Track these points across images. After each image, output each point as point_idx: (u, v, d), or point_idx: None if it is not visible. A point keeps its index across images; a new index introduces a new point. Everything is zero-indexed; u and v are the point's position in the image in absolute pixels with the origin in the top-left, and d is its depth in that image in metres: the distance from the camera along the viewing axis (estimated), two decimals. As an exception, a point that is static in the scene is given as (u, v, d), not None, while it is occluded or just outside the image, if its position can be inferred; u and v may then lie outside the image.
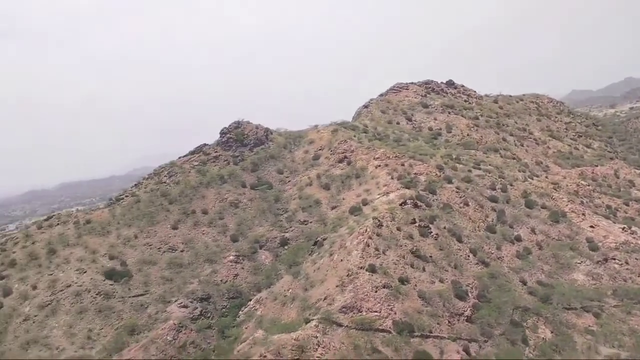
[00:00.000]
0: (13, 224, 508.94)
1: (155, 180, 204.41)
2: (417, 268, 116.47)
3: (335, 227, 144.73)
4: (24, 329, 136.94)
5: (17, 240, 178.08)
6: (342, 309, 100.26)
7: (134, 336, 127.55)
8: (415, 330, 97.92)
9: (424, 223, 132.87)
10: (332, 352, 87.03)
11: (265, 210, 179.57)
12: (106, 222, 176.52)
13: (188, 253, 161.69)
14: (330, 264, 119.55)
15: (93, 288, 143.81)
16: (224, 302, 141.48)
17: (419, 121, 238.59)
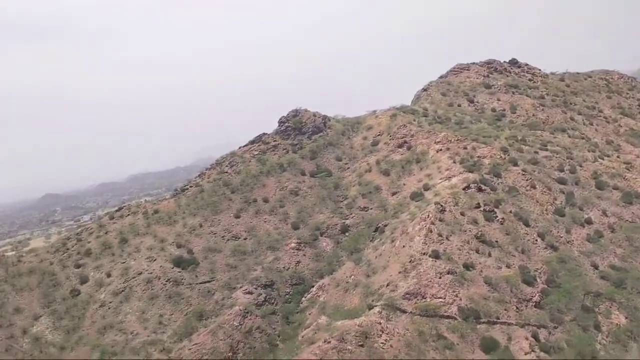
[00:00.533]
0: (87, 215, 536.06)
1: (217, 170, 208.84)
2: (483, 253, 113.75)
3: (396, 213, 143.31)
4: (100, 314, 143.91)
5: (92, 230, 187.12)
6: (405, 296, 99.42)
7: (203, 321, 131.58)
8: (481, 316, 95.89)
9: (488, 207, 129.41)
10: (397, 338, 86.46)
11: (325, 197, 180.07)
12: (172, 211, 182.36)
13: (251, 241, 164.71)
14: (392, 250, 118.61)
15: (163, 275, 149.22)
16: (287, 288, 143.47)
17: (482, 102, 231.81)
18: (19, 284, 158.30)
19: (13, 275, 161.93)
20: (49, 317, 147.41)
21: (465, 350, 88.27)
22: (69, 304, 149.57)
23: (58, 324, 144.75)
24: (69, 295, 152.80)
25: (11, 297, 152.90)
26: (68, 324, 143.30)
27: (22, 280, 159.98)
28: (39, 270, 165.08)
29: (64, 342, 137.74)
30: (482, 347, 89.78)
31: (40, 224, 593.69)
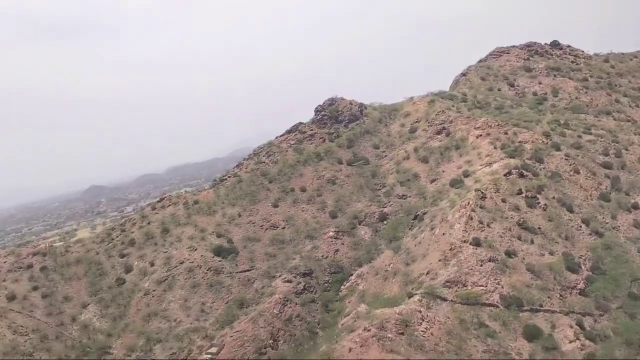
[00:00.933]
0: (130, 206, 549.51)
1: (254, 160, 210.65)
2: (525, 240, 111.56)
3: (435, 201, 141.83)
4: (144, 302, 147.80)
5: (135, 221, 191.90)
6: (445, 284, 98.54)
7: (243, 309, 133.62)
8: (524, 304, 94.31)
9: (531, 193, 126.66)
10: (437, 326, 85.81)
11: (363, 185, 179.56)
12: (212, 202, 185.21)
13: (289, 230, 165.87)
14: (432, 238, 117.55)
15: (204, 264, 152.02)
16: (326, 277, 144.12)
17: (522, 86, 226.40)
18: (67, 274, 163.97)
19: (62, 265, 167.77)
20: (96, 305, 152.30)
21: (507, 338, 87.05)
22: (115, 292, 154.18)
23: (105, 311, 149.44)
24: (115, 284, 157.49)
25: (60, 286, 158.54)
26: (114, 312, 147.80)
27: (70, 270, 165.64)
28: (86, 260, 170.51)
29: (111, 329, 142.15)
30: (524, 335, 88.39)
31: (86, 215, 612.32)
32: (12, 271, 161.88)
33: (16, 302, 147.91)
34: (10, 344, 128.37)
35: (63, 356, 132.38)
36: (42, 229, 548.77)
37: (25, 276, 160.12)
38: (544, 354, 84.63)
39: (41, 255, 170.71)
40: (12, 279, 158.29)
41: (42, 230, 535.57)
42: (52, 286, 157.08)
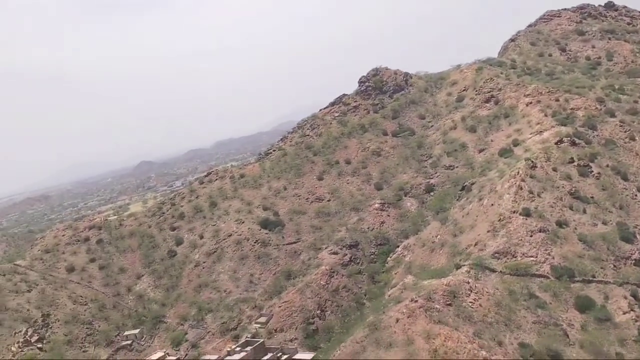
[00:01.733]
0: (178, 180, 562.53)
1: (299, 133, 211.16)
2: (577, 210, 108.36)
3: (483, 171, 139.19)
4: (195, 274, 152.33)
5: (184, 195, 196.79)
6: (494, 255, 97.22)
7: (291, 280, 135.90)
8: (575, 275, 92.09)
9: (583, 162, 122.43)
10: (486, 297, 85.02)
11: (408, 157, 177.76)
12: (257, 175, 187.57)
13: (334, 202, 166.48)
14: (480, 209, 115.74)
15: (251, 237, 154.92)
16: (372, 248, 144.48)
17: (575, 51, 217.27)
18: (122, 246, 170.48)
19: (116, 238, 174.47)
20: (150, 276, 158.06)
21: (558, 309, 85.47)
22: (167, 264, 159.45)
23: (158, 282, 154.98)
24: (167, 256, 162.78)
25: (115, 258, 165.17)
26: (167, 283, 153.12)
27: (124, 243, 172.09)
28: (139, 233, 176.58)
29: (164, 299, 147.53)
30: (576, 306, 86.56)
31: (137, 189, 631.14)
32: (70, 244, 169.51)
33: (75, 274, 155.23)
34: (71, 313, 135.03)
35: (121, 324, 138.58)
36: (97, 203, 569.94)
37: (83, 249, 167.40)
38: (596, 325, 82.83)
39: (97, 229, 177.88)
40: (71, 251, 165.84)
41: (96, 204, 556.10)
42: (108, 258, 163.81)
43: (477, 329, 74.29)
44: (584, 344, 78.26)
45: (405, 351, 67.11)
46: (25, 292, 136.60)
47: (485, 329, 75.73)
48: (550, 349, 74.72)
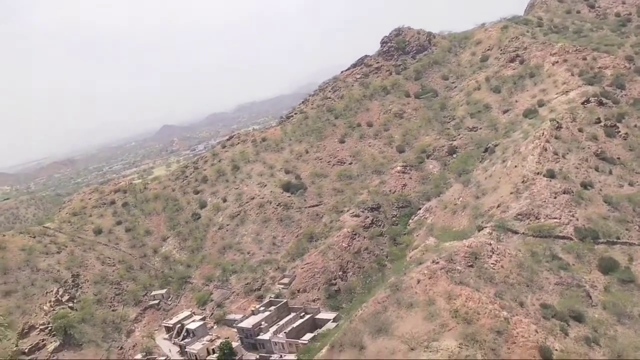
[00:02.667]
0: (201, 144, 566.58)
1: (320, 96, 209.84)
2: (603, 171, 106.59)
3: (507, 132, 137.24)
4: (219, 236, 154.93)
5: (206, 159, 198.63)
6: (517, 216, 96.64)
7: (313, 243, 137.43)
8: (599, 236, 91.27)
9: (610, 122, 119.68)
10: (508, 259, 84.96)
11: (431, 118, 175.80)
12: (279, 139, 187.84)
13: (356, 165, 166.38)
14: (503, 170, 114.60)
15: (274, 200, 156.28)
16: (393, 211, 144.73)
17: (604, 7, 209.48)
18: (147, 209, 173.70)
19: (141, 201, 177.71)
20: (175, 238, 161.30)
21: (581, 270, 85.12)
22: (192, 226, 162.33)
23: (183, 244, 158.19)
24: (191, 218, 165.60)
25: (141, 221, 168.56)
26: (192, 245, 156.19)
27: (149, 206, 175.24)
28: (163, 196, 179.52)
29: (190, 260, 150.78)
30: (599, 268, 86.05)
31: (160, 153, 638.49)
32: (97, 207, 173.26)
33: (103, 236, 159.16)
34: (100, 274, 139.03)
35: (148, 285, 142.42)
36: (121, 167, 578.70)
37: (109, 212, 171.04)
38: (619, 287, 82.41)
39: (122, 192, 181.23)
40: (98, 214, 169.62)
41: (121, 168, 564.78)
42: (133, 221, 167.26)
43: (499, 290, 74.53)
44: (607, 305, 78.15)
45: (426, 311, 67.79)
46: (55, 253, 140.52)
47: (507, 290, 75.93)
48: (573, 309, 74.80)
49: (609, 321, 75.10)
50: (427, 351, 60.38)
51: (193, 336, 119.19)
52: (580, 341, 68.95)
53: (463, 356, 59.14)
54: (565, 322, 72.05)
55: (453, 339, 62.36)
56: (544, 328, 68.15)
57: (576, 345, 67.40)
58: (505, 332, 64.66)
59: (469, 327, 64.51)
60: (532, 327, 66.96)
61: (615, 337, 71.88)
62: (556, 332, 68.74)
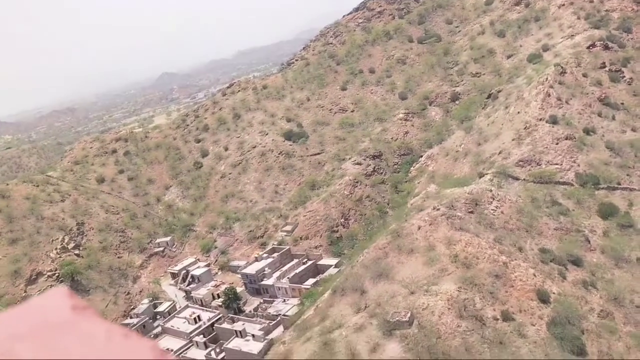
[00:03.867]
0: (201, 92, 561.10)
1: (322, 42, 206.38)
2: (606, 117, 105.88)
3: (511, 78, 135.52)
4: (222, 184, 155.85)
5: (207, 107, 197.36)
6: (518, 163, 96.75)
7: (315, 191, 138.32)
8: (600, 182, 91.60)
9: (615, 67, 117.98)
10: (508, 205, 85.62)
11: (434, 64, 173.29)
12: (280, 86, 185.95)
13: (358, 113, 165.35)
14: (506, 117, 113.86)
15: (275, 148, 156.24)
16: (395, 158, 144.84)
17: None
18: (149, 158, 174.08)
19: (143, 150, 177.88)
20: (178, 187, 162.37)
21: (581, 215, 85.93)
22: (194, 175, 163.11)
23: (186, 193, 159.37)
24: (193, 167, 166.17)
25: (143, 170, 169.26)
26: (195, 193, 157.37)
27: (150, 154, 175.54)
28: (164, 145, 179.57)
29: (193, 208, 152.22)
30: (599, 213, 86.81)
31: (160, 102, 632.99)
32: (98, 156, 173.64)
33: (105, 184, 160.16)
34: (105, 222, 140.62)
35: (152, 233, 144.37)
36: (122, 115, 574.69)
37: (111, 160, 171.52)
38: (618, 232, 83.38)
39: (123, 141, 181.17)
40: (100, 163, 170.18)
41: (121, 117, 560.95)
42: (136, 169, 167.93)
43: (498, 236, 75.45)
44: (605, 249, 79.21)
45: (426, 257, 68.86)
46: (59, 201, 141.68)
47: (506, 236, 76.87)
48: (571, 254, 75.90)
49: (607, 265, 76.29)
50: (427, 295, 61.73)
51: (198, 282, 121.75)
52: (577, 285, 70.29)
53: (461, 299, 60.50)
54: (564, 267, 73.22)
55: (452, 283, 63.62)
56: (542, 272, 69.35)
57: (574, 289, 68.77)
58: (504, 276, 65.87)
59: (468, 271, 65.67)
60: (530, 271, 68.14)
61: (612, 281, 73.20)
62: (554, 276, 70.00)
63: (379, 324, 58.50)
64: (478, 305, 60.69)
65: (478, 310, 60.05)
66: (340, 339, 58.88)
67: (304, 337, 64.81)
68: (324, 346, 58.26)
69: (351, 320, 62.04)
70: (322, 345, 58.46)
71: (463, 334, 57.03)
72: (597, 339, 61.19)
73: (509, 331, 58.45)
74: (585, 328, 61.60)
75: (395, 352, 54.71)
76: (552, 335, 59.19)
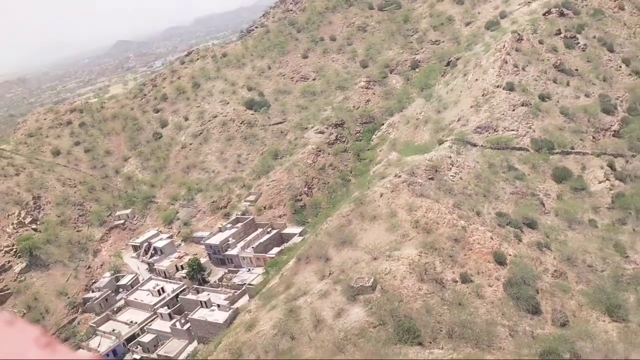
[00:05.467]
0: (158, 60, 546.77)
1: (282, 8, 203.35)
2: (561, 83, 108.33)
3: (469, 45, 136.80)
4: (182, 155, 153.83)
5: (165, 76, 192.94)
6: (476, 129, 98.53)
7: (278, 160, 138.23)
8: (555, 147, 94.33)
9: (570, 33, 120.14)
10: (466, 171, 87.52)
11: (394, 32, 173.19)
12: (240, 54, 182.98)
13: (320, 81, 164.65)
14: (464, 84, 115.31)
15: (237, 118, 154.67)
16: (357, 127, 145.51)
17: None
18: (106, 129, 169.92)
19: (99, 121, 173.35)
20: (137, 158, 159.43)
21: (536, 180, 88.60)
22: (153, 146, 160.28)
23: (146, 164, 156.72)
24: (152, 138, 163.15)
25: (100, 141, 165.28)
26: (155, 165, 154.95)
27: (107, 125, 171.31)
28: (122, 115, 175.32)
29: (153, 180, 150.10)
30: (553, 177, 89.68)
31: (116, 70, 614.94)
32: (53, 127, 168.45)
33: (61, 157, 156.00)
34: (62, 195, 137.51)
35: (112, 205, 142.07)
36: (76, 85, 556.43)
37: (66, 132, 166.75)
38: (572, 195, 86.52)
39: (79, 112, 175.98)
40: (54, 135, 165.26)
41: (76, 87, 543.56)
42: (92, 141, 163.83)
43: (457, 201, 77.29)
44: (559, 212, 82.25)
45: (388, 223, 70.15)
46: (14, 175, 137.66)
47: (465, 201, 78.82)
48: (526, 217, 78.55)
49: (560, 227, 79.34)
50: (389, 260, 63.15)
51: (161, 254, 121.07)
52: (532, 246, 72.97)
53: (422, 263, 62.17)
54: (519, 229, 75.79)
55: (413, 248, 65.20)
56: (498, 235, 71.66)
57: (529, 250, 71.38)
58: (462, 240, 67.83)
59: (428, 236, 67.34)
60: (487, 234, 70.31)
61: (565, 242, 76.26)
62: (510, 239, 72.45)
63: (343, 290, 59.71)
64: (438, 269, 62.51)
65: (438, 274, 61.89)
66: (306, 305, 59.94)
67: (269, 305, 65.68)
68: (289, 313, 59.24)
69: (316, 287, 63.12)
70: (288, 313, 59.44)
71: (424, 297, 58.83)
72: (551, 297, 63.96)
73: (468, 293, 60.54)
74: (539, 288, 64.25)
75: (359, 317, 56.11)
76: (508, 296, 61.65)
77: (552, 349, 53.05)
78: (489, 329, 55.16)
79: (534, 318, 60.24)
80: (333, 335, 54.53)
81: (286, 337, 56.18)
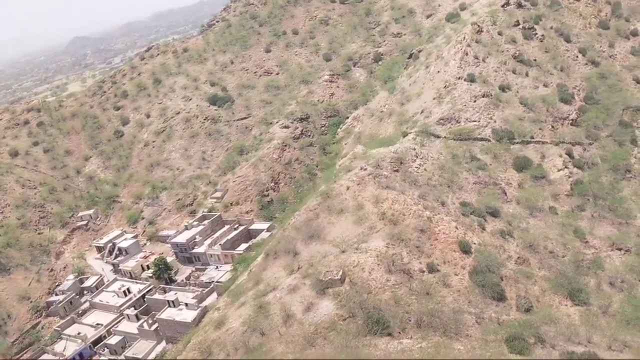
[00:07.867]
0: (117, 56, 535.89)
1: (243, 2, 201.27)
2: (520, 74, 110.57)
3: (431, 38, 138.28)
4: (146, 153, 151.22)
5: (125, 72, 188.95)
6: (439, 121, 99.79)
7: (243, 156, 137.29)
8: (515, 137, 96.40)
9: (528, 24, 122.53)
10: (430, 162, 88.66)
11: (357, 25, 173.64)
12: (202, 49, 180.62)
13: (283, 75, 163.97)
14: (427, 76, 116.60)
15: (200, 114, 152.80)
16: (322, 121, 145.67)
17: None
18: (65, 128, 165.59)
19: (58, 120, 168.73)
20: (98, 157, 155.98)
21: (498, 169, 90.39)
22: (115, 144, 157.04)
23: (108, 163, 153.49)
24: (114, 136, 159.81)
25: (60, 141, 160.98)
26: (117, 163, 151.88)
27: (67, 124, 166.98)
28: (81, 113, 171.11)
29: (116, 179, 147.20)
30: (514, 166, 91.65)
31: (73, 68, 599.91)
32: (10, 128, 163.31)
33: (20, 158, 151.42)
34: (21, 197, 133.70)
35: (73, 206, 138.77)
36: (32, 84, 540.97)
37: (24, 132, 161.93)
38: (532, 183, 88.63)
39: (36, 111, 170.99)
40: (11, 135, 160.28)
41: (32, 85, 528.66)
42: (51, 141, 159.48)
43: (422, 192, 78.26)
44: (520, 200, 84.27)
45: (355, 216, 70.60)
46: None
47: (430, 192, 79.89)
48: (489, 206, 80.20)
49: (522, 215, 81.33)
50: (357, 252, 63.57)
51: (126, 254, 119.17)
52: (496, 234, 74.59)
53: (390, 255, 62.79)
54: (483, 218, 77.36)
55: (381, 240, 65.80)
56: (463, 224, 72.97)
57: (492, 239, 72.93)
58: (428, 230, 68.82)
59: (395, 227, 68.06)
60: (452, 224, 71.52)
61: (527, 229, 78.25)
62: (474, 228, 73.87)
63: (312, 284, 59.86)
64: (405, 260, 63.26)
65: (405, 264, 62.63)
66: (275, 301, 59.89)
67: (238, 302, 65.40)
68: (258, 310, 59.09)
69: (285, 282, 63.09)
70: (257, 309, 59.28)
71: (392, 288, 59.47)
72: (515, 284, 65.57)
73: (435, 282, 61.49)
74: (504, 275, 65.78)
75: (329, 310, 56.37)
76: (474, 283, 62.89)
77: (518, 334, 54.36)
78: (456, 317, 56.13)
79: (499, 305, 61.66)
80: (303, 329, 54.65)
81: (256, 333, 56.03)
